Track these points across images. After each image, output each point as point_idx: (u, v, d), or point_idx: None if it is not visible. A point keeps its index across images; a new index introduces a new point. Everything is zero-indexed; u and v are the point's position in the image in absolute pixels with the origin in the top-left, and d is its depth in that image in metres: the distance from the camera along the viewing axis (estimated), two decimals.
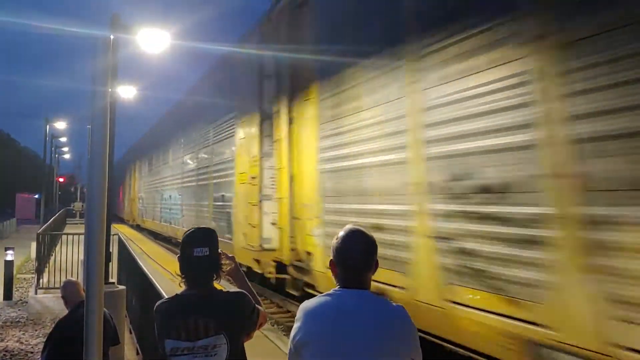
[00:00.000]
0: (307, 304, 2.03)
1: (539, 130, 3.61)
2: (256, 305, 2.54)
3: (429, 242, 4.67)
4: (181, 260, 2.48)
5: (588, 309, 3.24)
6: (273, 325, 8.48)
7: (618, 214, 3.12)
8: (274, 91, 8.84)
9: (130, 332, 7.62)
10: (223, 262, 2.56)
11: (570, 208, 3.38)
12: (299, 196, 7.63)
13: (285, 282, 8.30)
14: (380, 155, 5.48)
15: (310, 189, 7.20)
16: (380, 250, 2.09)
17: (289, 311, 9.13)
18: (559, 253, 3.45)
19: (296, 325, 2.00)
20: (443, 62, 4.57)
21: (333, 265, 2.07)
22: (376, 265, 2.07)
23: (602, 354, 3.13)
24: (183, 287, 2.49)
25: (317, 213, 6.87)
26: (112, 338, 4.16)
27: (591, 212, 3.25)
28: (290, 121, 7.99)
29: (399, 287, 5.06)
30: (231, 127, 11.53)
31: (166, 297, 2.65)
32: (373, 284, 2.08)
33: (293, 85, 8.00)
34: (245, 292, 2.55)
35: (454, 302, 4.36)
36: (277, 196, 8.51)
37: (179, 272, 2.48)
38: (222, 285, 2.58)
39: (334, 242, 2.06)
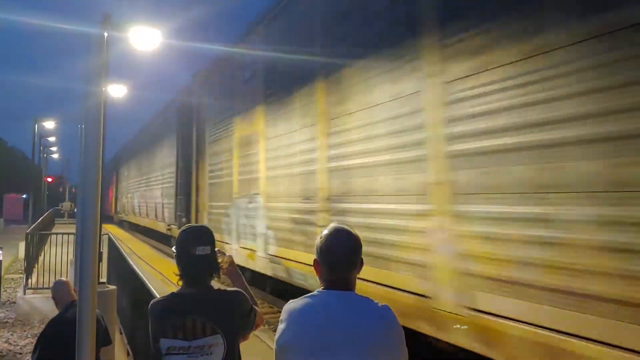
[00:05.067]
0: (292, 304, 2.02)
1: None
2: (253, 306, 2.53)
3: None
4: (181, 259, 2.44)
5: None
6: (265, 326, 8.47)
7: None
8: None
9: (121, 333, 7.57)
10: (220, 260, 2.55)
11: None
12: None
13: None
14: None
15: None
16: None
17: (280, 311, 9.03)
18: None
19: (280, 327, 1.98)
20: None
21: (317, 264, 2.05)
22: (361, 265, 2.06)
23: None
24: (178, 285, 2.47)
25: None
26: (103, 339, 4.13)
27: None
28: None
29: None
30: None
31: (160, 296, 2.62)
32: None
33: None
34: (241, 291, 2.53)
35: None
36: None
37: (176, 272, 2.46)
38: (219, 285, 2.56)
39: (318, 241, 2.04)
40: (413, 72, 5.11)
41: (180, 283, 2.46)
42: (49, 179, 64.68)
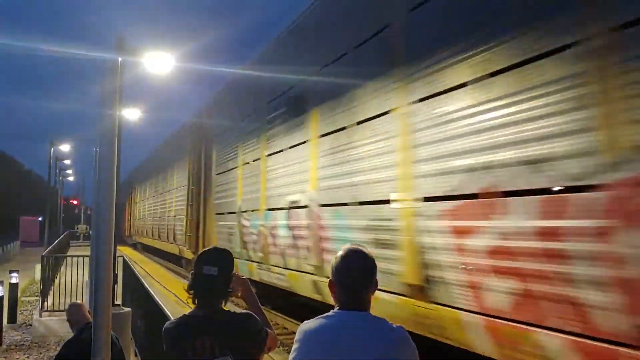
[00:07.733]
0: (307, 325, 2.01)
1: None
2: (265, 328, 2.52)
3: None
4: (191, 277, 2.47)
5: None
6: (279, 347, 8.41)
7: None
8: None
9: (136, 355, 7.56)
10: (234, 283, 2.52)
11: None
12: None
13: None
14: None
15: None
16: None
17: (294, 332, 9.03)
18: None
19: (295, 347, 1.98)
20: None
21: (332, 285, 2.05)
22: (376, 285, 2.05)
23: None
24: (191, 307, 2.48)
25: None
26: (118, 359, 4.14)
27: None
28: None
29: None
30: None
31: (173, 318, 2.63)
32: None
33: None
34: (252, 313, 2.52)
35: None
36: None
37: (186, 288, 2.47)
38: (233, 307, 2.55)
39: (333, 261, 2.04)
40: None
41: (190, 301, 2.47)
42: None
